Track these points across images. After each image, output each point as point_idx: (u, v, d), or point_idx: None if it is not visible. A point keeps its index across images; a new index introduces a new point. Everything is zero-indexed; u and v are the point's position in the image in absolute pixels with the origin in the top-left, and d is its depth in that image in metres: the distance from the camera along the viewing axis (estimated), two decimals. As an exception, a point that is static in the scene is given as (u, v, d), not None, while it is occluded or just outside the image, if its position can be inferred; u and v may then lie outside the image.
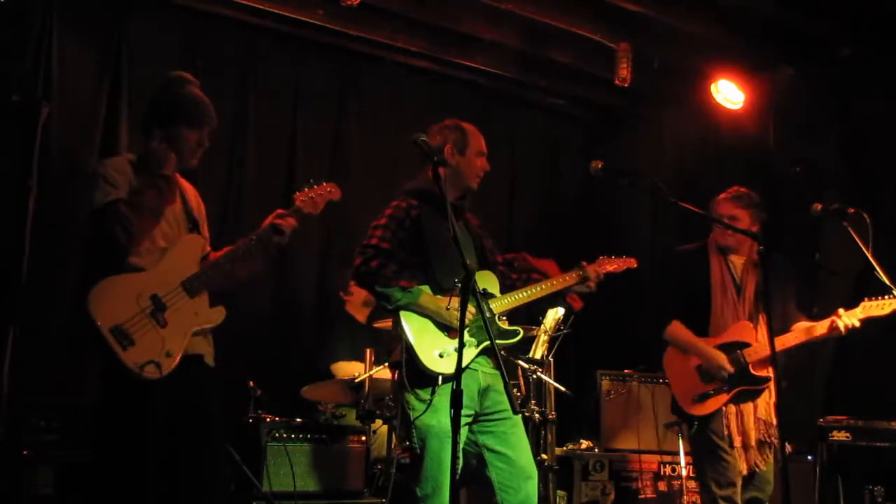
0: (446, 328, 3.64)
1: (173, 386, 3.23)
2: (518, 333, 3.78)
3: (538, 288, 3.85)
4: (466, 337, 3.63)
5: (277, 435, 4.65)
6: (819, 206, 4.16)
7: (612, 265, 4.04)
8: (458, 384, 2.90)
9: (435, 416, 3.52)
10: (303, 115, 6.46)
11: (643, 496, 5.70)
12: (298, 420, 4.91)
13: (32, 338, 4.53)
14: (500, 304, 3.77)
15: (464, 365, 3.58)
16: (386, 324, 5.26)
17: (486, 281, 3.78)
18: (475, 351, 3.66)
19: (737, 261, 4.43)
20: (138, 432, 3.18)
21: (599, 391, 6.08)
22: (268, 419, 4.75)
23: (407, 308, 3.61)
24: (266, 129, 6.29)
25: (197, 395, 3.35)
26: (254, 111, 6.23)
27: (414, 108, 6.79)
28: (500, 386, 3.74)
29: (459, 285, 3.05)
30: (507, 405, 3.68)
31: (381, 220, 3.74)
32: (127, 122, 5.58)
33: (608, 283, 4.00)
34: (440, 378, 3.54)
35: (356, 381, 4.95)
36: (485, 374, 3.69)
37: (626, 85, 6.13)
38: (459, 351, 3.01)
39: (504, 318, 3.76)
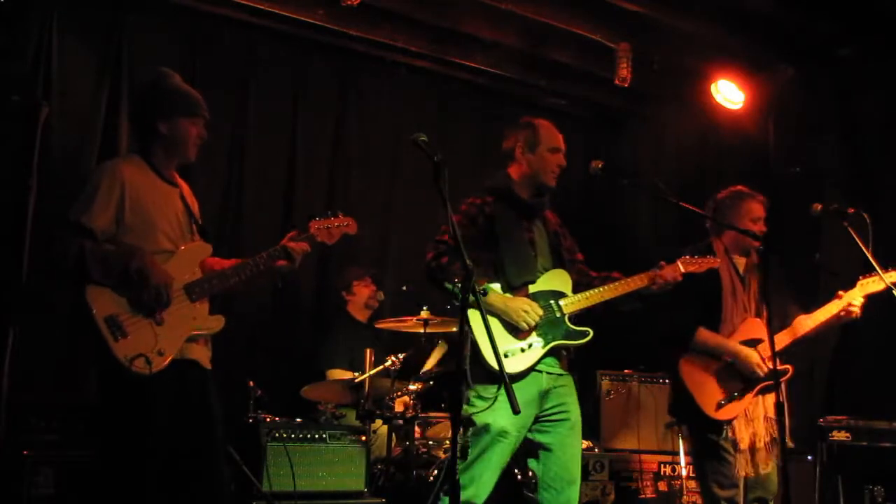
0: (513, 328, 3.63)
1: (172, 387, 3.22)
2: (588, 334, 3.77)
3: (610, 287, 3.83)
4: (534, 336, 3.65)
5: (277, 435, 4.64)
6: (819, 206, 4.17)
7: (694, 266, 3.99)
8: (459, 385, 2.90)
9: (492, 414, 3.54)
10: (303, 115, 6.44)
11: (643, 496, 5.70)
12: (298, 420, 4.90)
13: (32, 338, 4.54)
14: (571, 302, 3.76)
15: (530, 365, 3.64)
16: (388, 324, 5.27)
17: (559, 280, 3.79)
18: (542, 351, 3.66)
19: (739, 260, 4.45)
20: (136, 433, 3.15)
21: (599, 391, 6.08)
22: (268, 419, 4.75)
23: (475, 306, 3.62)
24: (266, 129, 6.28)
25: (198, 397, 3.33)
26: (254, 111, 6.22)
27: (414, 108, 6.78)
28: (564, 388, 3.76)
29: (460, 285, 3.05)
30: (568, 408, 3.74)
31: (455, 217, 3.75)
32: (127, 122, 5.55)
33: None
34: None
35: (356, 381, 4.95)
36: (549, 375, 3.71)
37: (626, 85, 6.13)
38: (460, 350, 3.00)
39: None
